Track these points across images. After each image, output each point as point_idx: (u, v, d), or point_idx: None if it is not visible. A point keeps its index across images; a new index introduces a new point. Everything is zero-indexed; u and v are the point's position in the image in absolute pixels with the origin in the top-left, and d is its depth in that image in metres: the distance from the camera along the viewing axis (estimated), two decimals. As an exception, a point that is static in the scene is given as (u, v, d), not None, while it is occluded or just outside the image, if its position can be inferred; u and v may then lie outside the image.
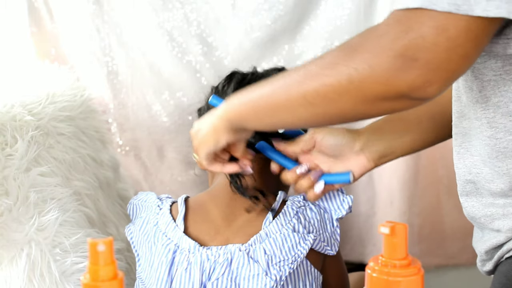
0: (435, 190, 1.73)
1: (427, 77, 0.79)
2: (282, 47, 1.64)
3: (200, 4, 1.61)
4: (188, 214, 1.15)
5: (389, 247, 0.68)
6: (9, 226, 1.12)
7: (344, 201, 1.14)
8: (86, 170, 1.34)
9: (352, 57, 0.83)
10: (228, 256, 1.08)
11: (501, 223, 0.97)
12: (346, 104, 0.85)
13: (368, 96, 0.83)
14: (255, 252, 1.08)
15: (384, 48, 0.80)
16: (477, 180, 0.98)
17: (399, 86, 0.80)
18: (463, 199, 1.02)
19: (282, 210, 1.12)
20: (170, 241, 1.11)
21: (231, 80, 1.23)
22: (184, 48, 1.61)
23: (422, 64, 0.78)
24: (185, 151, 1.65)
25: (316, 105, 0.87)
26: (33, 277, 1.11)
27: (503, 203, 0.96)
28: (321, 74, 0.85)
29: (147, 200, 1.20)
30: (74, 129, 1.34)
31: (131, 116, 1.63)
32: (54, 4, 1.56)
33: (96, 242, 0.67)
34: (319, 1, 1.62)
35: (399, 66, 0.79)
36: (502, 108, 0.91)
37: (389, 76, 0.80)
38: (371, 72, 0.81)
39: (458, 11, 0.77)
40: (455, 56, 0.78)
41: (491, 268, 1.04)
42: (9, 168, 1.14)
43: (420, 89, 0.80)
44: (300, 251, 1.09)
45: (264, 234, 1.10)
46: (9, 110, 1.19)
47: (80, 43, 1.59)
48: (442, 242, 1.74)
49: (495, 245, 1.00)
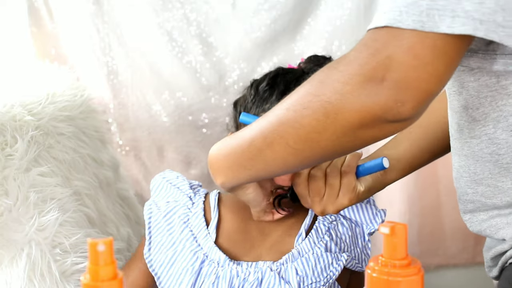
0: (435, 190, 1.73)
1: (397, 97, 0.78)
2: (282, 47, 1.64)
3: (200, 4, 1.61)
4: (223, 220, 1.10)
5: (389, 247, 0.68)
6: (9, 226, 1.12)
7: (377, 215, 1.12)
8: (86, 170, 1.34)
9: (323, 91, 0.81)
10: (258, 276, 1.04)
11: (505, 232, 0.96)
12: (328, 141, 0.83)
13: (346, 127, 0.81)
14: (287, 272, 1.05)
15: (353, 74, 0.79)
16: (475, 199, 0.98)
17: (372, 109, 0.79)
18: (468, 216, 1.01)
19: (314, 226, 1.09)
20: (200, 249, 1.07)
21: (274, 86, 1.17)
22: (184, 48, 1.62)
23: (391, 84, 0.77)
24: (185, 151, 1.65)
25: (302, 149, 0.85)
26: (33, 277, 1.10)
27: (508, 212, 0.95)
28: (296, 117, 0.84)
29: (177, 185, 1.15)
30: (74, 129, 1.34)
31: (131, 116, 1.63)
32: (54, 4, 1.56)
33: (96, 242, 0.66)
34: (319, 1, 1.62)
35: (369, 90, 0.78)
36: (502, 123, 0.90)
37: (361, 101, 0.79)
38: (345, 101, 0.80)
39: (423, 28, 0.76)
40: (425, 75, 0.77)
41: (497, 274, 1.03)
42: (9, 168, 1.14)
43: (393, 110, 0.78)
44: (332, 272, 1.06)
45: (297, 252, 1.07)
46: (9, 110, 1.19)
47: (80, 43, 1.59)
48: (442, 242, 1.74)
49: (500, 251, 1.00)
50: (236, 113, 1.22)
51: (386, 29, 0.78)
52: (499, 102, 0.89)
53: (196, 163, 1.66)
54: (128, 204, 1.50)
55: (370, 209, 1.12)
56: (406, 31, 0.77)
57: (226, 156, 0.94)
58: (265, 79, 1.20)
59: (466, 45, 0.80)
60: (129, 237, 1.41)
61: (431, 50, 0.77)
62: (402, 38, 0.77)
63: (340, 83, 0.80)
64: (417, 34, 0.76)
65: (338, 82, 0.80)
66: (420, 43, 0.76)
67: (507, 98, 0.88)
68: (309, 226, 1.10)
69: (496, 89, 0.89)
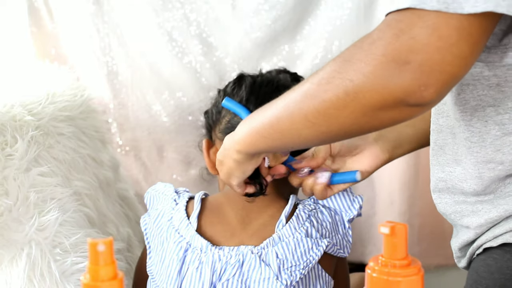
0: (435, 190, 1.73)
1: (421, 81, 0.77)
2: (282, 47, 1.64)
3: (200, 4, 1.61)
4: (204, 213, 1.14)
5: (389, 247, 0.68)
6: (9, 226, 1.12)
7: (354, 201, 1.14)
8: (86, 170, 1.34)
9: (346, 69, 0.81)
10: (240, 258, 1.08)
11: (470, 219, 0.98)
12: (347, 118, 0.83)
13: (366, 106, 0.81)
14: (267, 256, 1.08)
15: (376, 55, 0.78)
16: (449, 178, 0.98)
17: (394, 92, 0.78)
18: (436, 195, 1.02)
19: (295, 213, 1.11)
20: (183, 239, 1.11)
21: (241, 83, 1.21)
22: (184, 48, 1.62)
23: (415, 67, 0.77)
24: (185, 151, 1.65)
25: (319, 124, 0.85)
26: (33, 277, 1.10)
27: (474, 201, 0.97)
28: (318, 91, 0.84)
29: (164, 192, 1.19)
30: (74, 129, 1.34)
31: (131, 116, 1.63)
32: (54, 4, 1.56)
33: (96, 242, 0.67)
34: (319, 1, 1.62)
35: (392, 72, 0.77)
36: (479, 112, 0.91)
37: (383, 83, 0.78)
38: (366, 81, 0.79)
39: (448, 9, 0.76)
40: (450, 57, 0.76)
41: (466, 265, 1.05)
42: (9, 168, 1.14)
43: (416, 94, 0.78)
44: (312, 256, 1.08)
45: (277, 237, 1.09)
46: (9, 110, 1.19)
47: (80, 43, 1.59)
48: (442, 242, 1.74)
49: (466, 242, 1.01)
50: (208, 119, 1.25)
51: (410, 11, 0.77)
52: (480, 92, 0.90)
53: (196, 163, 1.66)
54: (128, 204, 1.50)
55: (347, 196, 1.14)
56: (430, 12, 0.76)
57: (247, 123, 0.96)
58: (231, 82, 1.25)
59: (490, 27, 0.79)
60: (129, 237, 1.41)
61: (457, 31, 0.76)
62: (427, 20, 0.76)
63: (363, 63, 0.79)
64: (442, 15, 0.76)
65: (361, 61, 0.79)
66: (445, 24, 0.76)
67: (488, 89, 0.89)
68: (289, 213, 1.12)
69: (479, 79, 0.89)
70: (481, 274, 0.97)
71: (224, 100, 1.14)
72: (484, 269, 0.97)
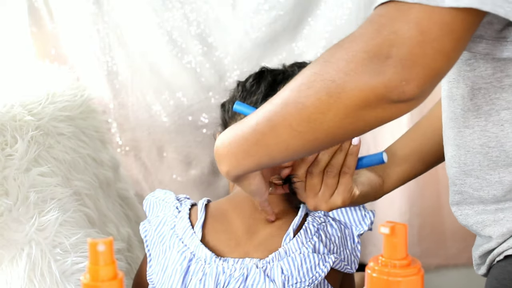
0: (435, 190, 1.73)
1: (402, 75, 0.75)
2: (282, 47, 1.64)
3: (200, 4, 1.61)
4: (208, 221, 1.11)
5: (389, 247, 0.68)
6: (9, 226, 1.12)
7: (366, 216, 1.11)
8: (86, 170, 1.34)
9: (327, 70, 0.79)
10: (244, 272, 1.05)
11: (492, 229, 0.97)
12: (331, 122, 0.80)
13: (349, 107, 0.78)
14: (272, 270, 1.05)
15: (357, 51, 0.77)
16: (463, 190, 0.98)
17: (376, 88, 0.76)
18: (454, 208, 1.01)
19: (303, 226, 1.08)
20: (187, 249, 1.08)
21: (260, 81, 1.19)
22: (184, 48, 1.62)
23: (396, 61, 0.75)
24: (185, 151, 1.65)
25: (305, 132, 0.82)
26: (33, 277, 1.11)
27: (494, 209, 0.96)
28: (299, 97, 0.81)
29: (165, 199, 1.16)
30: (74, 129, 1.34)
31: (131, 116, 1.63)
32: (54, 4, 1.56)
33: (96, 242, 0.67)
34: (319, 1, 1.62)
35: (373, 68, 0.76)
36: (494, 116, 0.90)
37: (365, 79, 0.76)
38: (348, 80, 0.77)
39: (429, 2, 0.74)
40: (431, 51, 0.74)
41: (485, 272, 1.04)
42: (9, 168, 1.14)
43: (398, 89, 0.76)
44: (318, 273, 1.05)
45: (283, 251, 1.06)
46: (9, 110, 1.19)
47: (80, 43, 1.59)
48: (442, 242, 1.74)
49: (487, 250, 1.00)
50: (224, 113, 1.23)
51: (392, 4, 0.76)
52: (492, 95, 0.88)
53: (196, 163, 1.66)
54: (128, 204, 1.50)
55: (359, 211, 1.12)
56: (413, 5, 0.74)
57: (231, 143, 0.91)
58: (251, 76, 1.22)
59: (474, 23, 0.77)
60: (129, 237, 1.41)
61: (438, 26, 0.74)
62: (409, 13, 0.75)
63: (344, 61, 0.77)
64: (424, 9, 0.74)
65: (342, 60, 0.78)
66: (428, 18, 0.74)
67: (501, 91, 0.88)
68: (297, 226, 1.09)
69: (491, 82, 0.88)
70: (501, 281, 0.96)
71: (235, 105, 1.10)
72: (505, 276, 0.95)
